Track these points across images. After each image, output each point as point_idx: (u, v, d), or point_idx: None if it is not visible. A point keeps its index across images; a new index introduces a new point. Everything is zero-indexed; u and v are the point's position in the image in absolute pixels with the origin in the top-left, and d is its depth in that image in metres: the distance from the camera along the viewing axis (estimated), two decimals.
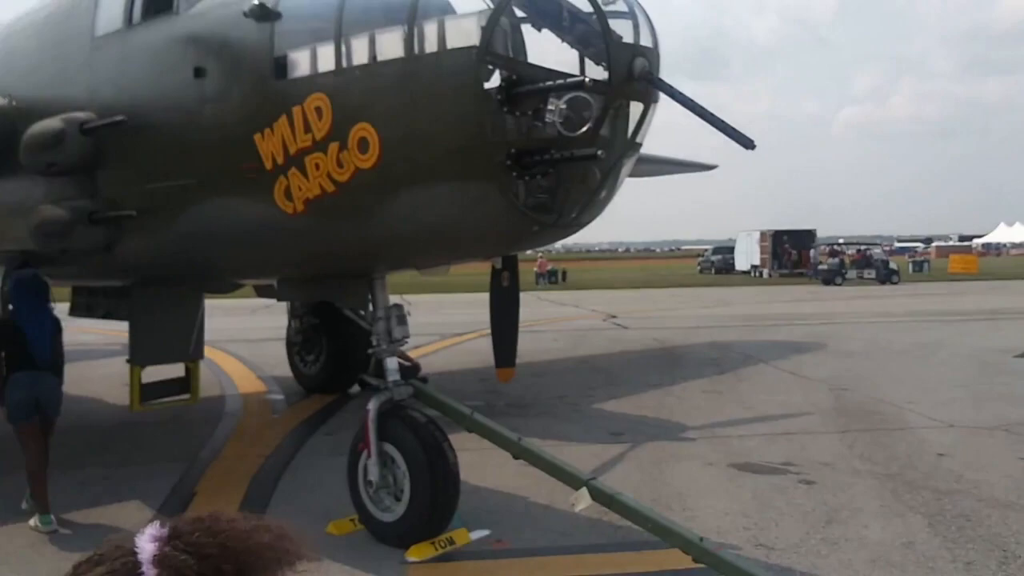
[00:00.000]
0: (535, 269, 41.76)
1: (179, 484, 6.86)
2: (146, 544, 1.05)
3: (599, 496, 5.25)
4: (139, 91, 6.07)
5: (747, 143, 4.55)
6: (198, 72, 5.58)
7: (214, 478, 7.06)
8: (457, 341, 16.58)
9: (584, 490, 5.25)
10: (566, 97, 4.65)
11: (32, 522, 5.96)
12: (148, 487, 6.71)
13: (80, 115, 6.37)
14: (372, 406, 5.66)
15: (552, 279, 42.72)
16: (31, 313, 6.17)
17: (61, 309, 8.49)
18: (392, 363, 5.90)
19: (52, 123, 6.49)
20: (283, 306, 12.10)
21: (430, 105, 4.69)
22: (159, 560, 1.03)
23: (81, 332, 17.34)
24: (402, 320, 6.01)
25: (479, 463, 6.80)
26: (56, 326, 6.29)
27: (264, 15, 5.16)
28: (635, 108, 4.86)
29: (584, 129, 4.63)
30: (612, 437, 8.58)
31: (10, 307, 6.38)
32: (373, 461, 5.59)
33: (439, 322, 19.04)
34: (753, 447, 8.06)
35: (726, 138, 4.53)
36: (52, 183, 6.85)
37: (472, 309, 23.37)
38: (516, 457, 5.78)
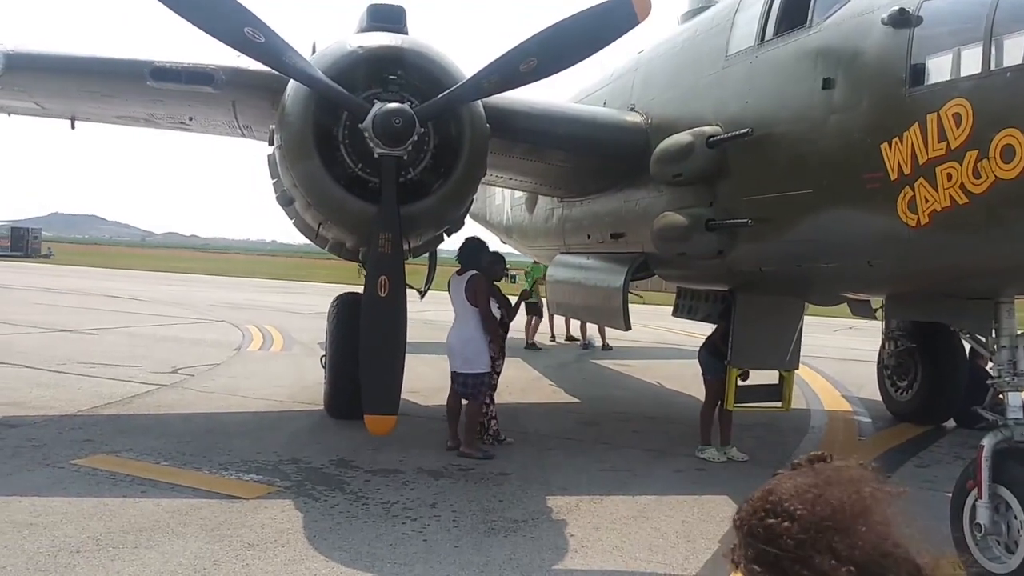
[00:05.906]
0: None
1: None
2: None
3: None
4: (765, 104, 6.34)
5: None
6: (827, 83, 5.62)
7: None
8: None
9: None
10: None
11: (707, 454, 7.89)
12: (735, 484, 6.97)
13: (708, 129, 6.90)
14: (987, 443, 5.10)
15: None
16: None
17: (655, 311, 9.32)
18: (1015, 399, 5.26)
19: (682, 137, 7.16)
20: (867, 327, 11.61)
21: None
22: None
23: (668, 332, 18.93)
24: None
25: None
26: None
27: (904, 21, 4.99)
28: None
29: None
30: None
31: None
32: (984, 503, 5.04)
33: None
34: None
35: None
36: (675, 192, 7.56)
37: None
38: None
